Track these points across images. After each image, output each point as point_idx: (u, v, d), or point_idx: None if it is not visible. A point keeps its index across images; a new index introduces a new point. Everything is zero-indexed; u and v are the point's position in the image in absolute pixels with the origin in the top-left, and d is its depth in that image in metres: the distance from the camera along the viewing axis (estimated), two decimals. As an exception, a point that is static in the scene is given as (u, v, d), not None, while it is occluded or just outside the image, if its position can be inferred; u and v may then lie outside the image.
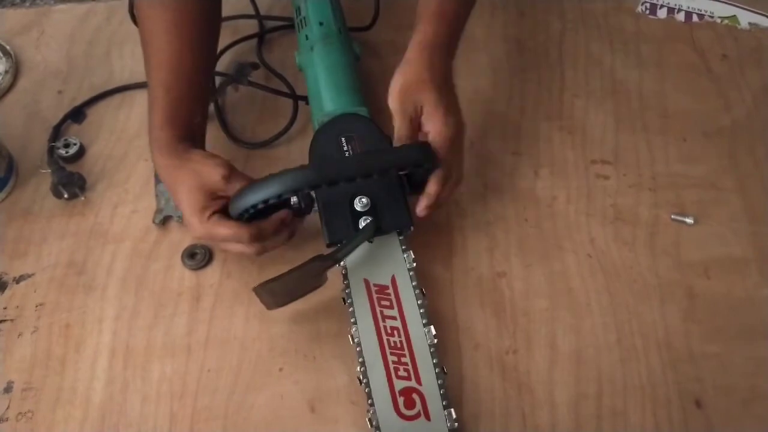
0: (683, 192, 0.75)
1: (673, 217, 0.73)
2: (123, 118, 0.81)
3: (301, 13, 0.79)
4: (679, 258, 0.70)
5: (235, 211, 0.59)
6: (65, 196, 0.72)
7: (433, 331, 0.59)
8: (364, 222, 0.63)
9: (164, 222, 0.72)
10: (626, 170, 0.77)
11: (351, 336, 0.60)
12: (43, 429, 0.60)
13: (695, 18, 0.92)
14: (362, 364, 0.58)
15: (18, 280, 0.68)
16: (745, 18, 0.92)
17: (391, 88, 0.63)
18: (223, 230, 0.60)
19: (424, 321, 0.60)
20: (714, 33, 0.91)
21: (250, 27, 0.90)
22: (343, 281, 0.63)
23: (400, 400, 0.56)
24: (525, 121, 0.81)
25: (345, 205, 0.64)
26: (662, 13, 0.93)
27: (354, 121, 0.68)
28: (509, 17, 0.92)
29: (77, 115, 0.81)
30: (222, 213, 0.61)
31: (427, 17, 0.64)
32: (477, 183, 0.75)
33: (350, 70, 0.74)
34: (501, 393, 0.62)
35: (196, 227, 0.61)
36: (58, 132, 0.79)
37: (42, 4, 0.94)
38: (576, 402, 0.61)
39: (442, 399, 0.57)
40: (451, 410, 0.56)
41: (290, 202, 0.63)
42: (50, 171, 0.73)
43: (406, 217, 0.64)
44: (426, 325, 0.60)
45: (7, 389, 0.62)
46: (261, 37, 0.88)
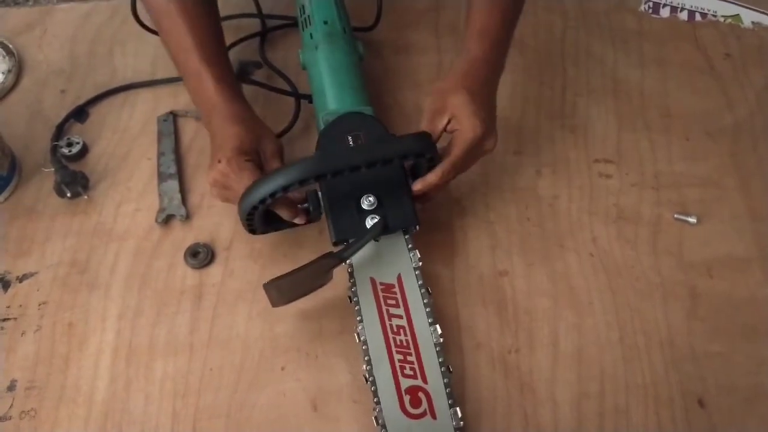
0: (686, 191, 0.75)
1: (675, 216, 0.73)
2: (126, 117, 0.81)
3: (305, 12, 0.79)
4: (682, 257, 0.70)
5: (245, 206, 0.59)
6: (68, 194, 0.72)
7: (439, 330, 0.59)
8: (371, 221, 0.63)
9: (167, 221, 0.72)
10: (628, 169, 0.77)
11: (357, 334, 0.60)
12: (47, 427, 0.60)
13: (698, 17, 0.92)
14: (368, 362, 0.58)
15: (21, 279, 0.68)
16: (748, 17, 0.92)
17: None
18: (250, 178, 0.60)
19: (430, 320, 0.60)
20: (717, 32, 0.91)
21: (253, 26, 0.90)
22: (349, 280, 0.63)
23: (406, 398, 0.56)
24: (527, 120, 0.81)
25: (351, 203, 0.64)
26: (665, 12, 0.93)
27: (360, 119, 0.68)
28: (511, 16, 0.92)
29: (80, 114, 0.81)
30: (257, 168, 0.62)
31: (470, 35, 0.67)
32: (479, 181, 0.75)
33: (355, 69, 0.74)
34: (503, 392, 0.62)
35: (232, 167, 0.61)
36: (61, 131, 0.79)
37: (45, 3, 0.94)
38: (578, 401, 0.61)
39: (448, 398, 0.57)
40: (457, 409, 0.56)
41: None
42: (53, 170, 0.73)
43: (412, 216, 0.64)
44: (432, 324, 0.60)
45: (11, 387, 0.62)
46: (263, 36, 0.88)
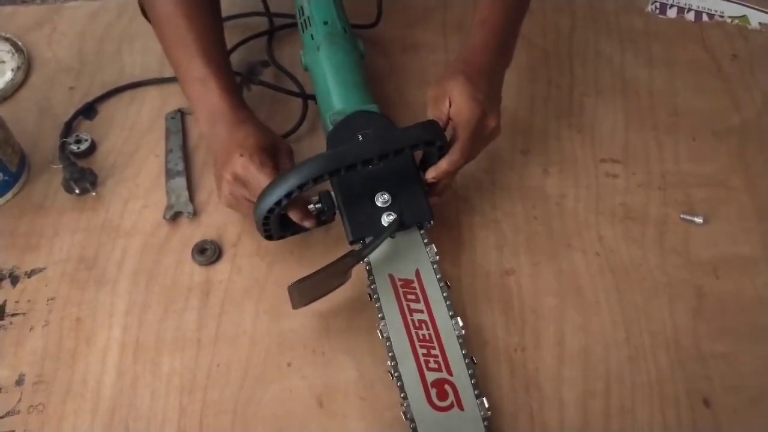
0: (692, 191, 0.75)
1: (682, 216, 0.73)
2: (134, 114, 0.81)
3: (304, 13, 0.79)
4: (688, 257, 0.70)
5: (261, 210, 0.59)
6: (76, 191, 0.73)
7: (460, 323, 0.60)
8: (387, 218, 0.63)
9: (175, 217, 0.72)
10: (635, 169, 0.77)
11: (380, 331, 0.60)
12: (54, 421, 0.60)
13: (705, 17, 0.92)
14: (392, 358, 0.58)
15: (30, 275, 0.69)
16: (756, 18, 0.92)
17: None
18: (265, 179, 0.60)
19: (451, 313, 0.61)
20: (724, 33, 0.91)
21: (260, 24, 0.90)
22: (368, 277, 0.63)
23: (433, 391, 0.57)
24: (534, 119, 0.81)
25: (366, 201, 0.64)
26: (672, 13, 0.93)
27: (368, 117, 0.68)
28: (519, 16, 0.92)
29: (88, 111, 0.81)
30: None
31: (473, 26, 0.68)
32: (486, 180, 0.75)
33: (357, 68, 0.74)
34: (509, 390, 0.62)
35: (253, 164, 0.61)
36: (69, 128, 0.79)
37: (53, 2, 0.94)
38: (584, 400, 0.62)
39: (474, 388, 0.57)
40: (483, 399, 0.57)
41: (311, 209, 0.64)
42: (62, 166, 0.73)
43: (426, 211, 0.64)
44: (453, 316, 0.61)
45: (19, 382, 0.62)
46: (271, 35, 0.89)
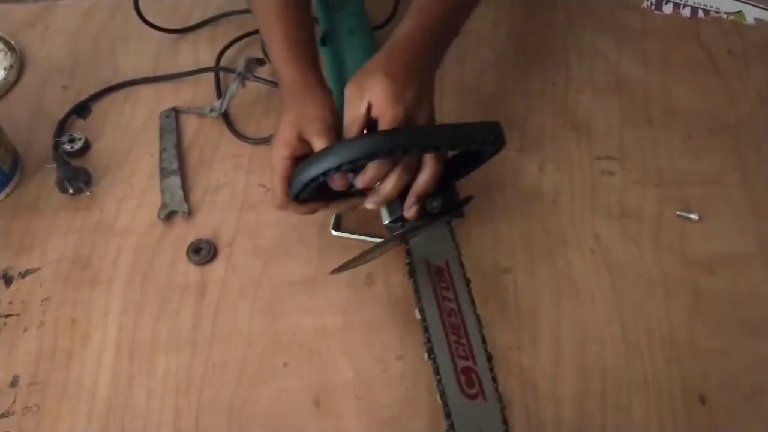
0: (688, 188, 0.75)
1: (678, 213, 0.73)
2: (128, 113, 0.81)
3: None
4: (684, 254, 0.70)
5: (295, 188, 0.57)
6: (70, 191, 0.73)
7: (482, 318, 0.62)
8: (430, 204, 0.60)
9: (169, 217, 0.72)
10: (631, 166, 0.77)
11: (418, 311, 0.61)
12: (49, 423, 0.60)
13: (701, 13, 0.92)
14: (428, 339, 0.59)
15: (24, 275, 0.69)
16: (751, 14, 0.92)
17: None
18: (277, 183, 0.59)
19: (473, 307, 0.63)
20: (719, 29, 0.91)
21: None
22: (406, 257, 0.65)
23: (462, 378, 0.58)
24: (530, 116, 0.81)
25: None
26: (668, 9, 0.93)
27: None
28: (514, 12, 0.92)
29: (82, 110, 0.81)
30: (293, 160, 0.59)
31: (407, 16, 0.62)
32: (480, 178, 0.75)
33: None
34: (505, 388, 0.62)
35: (273, 155, 0.59)
36: (63, 127, 0.79)
37: (47, 0, 0.93)
38: (580, 397, 0.62)
39: (493, 381, 0.59)
40: (501, 393, 0.59)
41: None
42: (55, 166, 0.73)
43: (459, 205, 0.63)
44: (474, 311, 0.63)
45: (13, 383, 0.62)
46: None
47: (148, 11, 0.85)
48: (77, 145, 0.77)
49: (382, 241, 0.63)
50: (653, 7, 0.93)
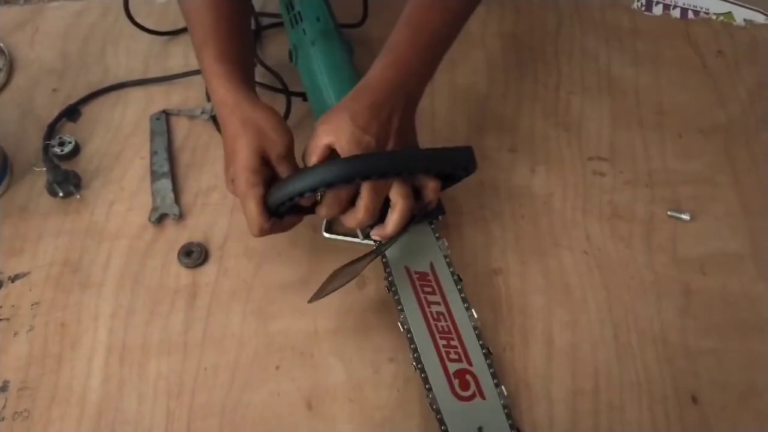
0: (679, 188, 0.75)
1: (669, 213, 0.73)
2: (118, 116, 0.81)
3: (294, 8, 0.78)
4: (676, 254, 0.70)
5: (275, 200, 0.58)
6: (60, 194, 0.72)
7: (475, 314, 0.62)
8: None
9: (160, 220, 0.71)
10: (622, 167, 0.77)
11: (400, 323, 0.60)
12: (40, 428, 0.60)
13: (691, 14, 0.93)
14: (414, 350, 0.59)
15: (13, 279, 0.68)
16: (741, 14, 0.92)
17: None
18: (253, 208, 0.58)
19: (466, 305, 0.62)
20: (709, 29, 0.91)
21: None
22: (384, 270, 0.64)
23: (456, 382, 0.58)
24: (521, 117, 0.81)
25: None
26: (658, 10, 0.93)
27: None
28: (505, 13, 0.92)
29: (72, 113, 0.81)
30: (264, 185, 0.59)
31: (382, 51, 0.63)
32: (473, 179, 0.75)
33: (350, 65, 0.74)
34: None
35: (239, 183, 0.59)
36: (52, 130, 0.78)
37: (36, 2, 0.93)
38: (573, 398, 0.62)
39: (493, 378, 0.59)
40: (502, 387, 0.59)
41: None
42: (45, 169, 0.72)
43: (439, 205, 0.64)
44: (467, 308, 0.62)
45: (3, 388, 0.62)
46: (256, 34, 0.88)
47: (138, 13, 0.85)
48: (67, 148, 0.76)
49: (353, 260, 0.62)
50: (643, 8, 0.94)
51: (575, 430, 0.60)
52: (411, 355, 0.59)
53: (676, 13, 0.93)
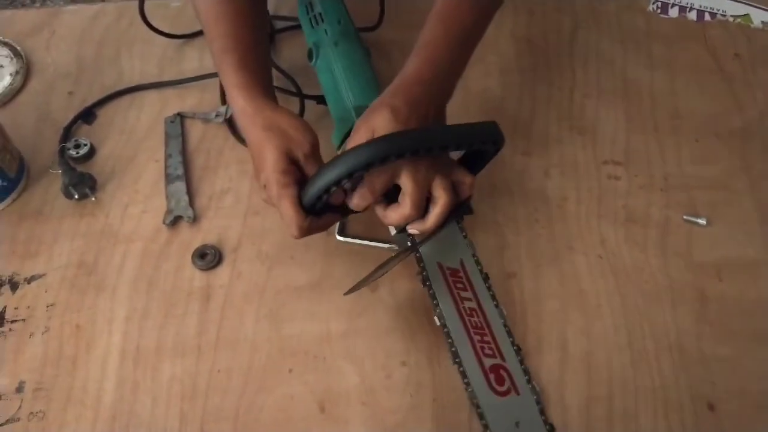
0: (695, 193, 0.75)
1: (685, 218, 0.72)
2: (133, 119, 0.81)
3: (313, 10, 0.78)
4: (691, 259, 0.70)
5: (310, 197, 0.57)
6: (76, 196, 0.73)
7: (504, 311, 0.63)
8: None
9: (175, 222, 0.72)
10: (637, 171, 0.76)
11: (436, 318, 0.62)
12: (55, 429, 0.60)
13: (707, 17, 0.92)
14: (452, 344, 0.60)
15: (29, 281, 0.69)
16: (758, 17, 0.91)
17: None
18: (289, 207, 0.58)
19: (495, 302, 0.63)
20: (726, 32, 0.90)
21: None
22: (418, 264, 0.64)
23: (491, 376, 0.59)
24: (535, 121, 0.81)
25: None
26: (674, 12, 0.93)
27: None
28: (519, 16, 0.92)
29: (87, 115, 0.81)
30: (296, 185, 0.59)
31: (414, 50, 0.63)
32: (486, 183, 0.75)
33: (370, 67, 0.74)
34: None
35: (271, 186, 0.59)
36: (68, 133, 0.79)
37: (52, 6, 0.94)
38: (587, 404, 0.61)
39: (524, 374, 0.60)
40: (534, 384, 0.60)
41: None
42: (61, 172, 0.73)
43: (468, 204, 0.64)
44: (497, 306, 0.63)
45: (19, 389, 0.62)
46: (271, 37, 0.88)
47: (153, 17, 0.85)
48: (82, 151, 0.77)
49: (391, 256, 0.62)
50: (659, 10, 0.93)
51: (589, 436, 0.60)
52: (449, 349, 0.60)
53: (692, 15, 0.92)
